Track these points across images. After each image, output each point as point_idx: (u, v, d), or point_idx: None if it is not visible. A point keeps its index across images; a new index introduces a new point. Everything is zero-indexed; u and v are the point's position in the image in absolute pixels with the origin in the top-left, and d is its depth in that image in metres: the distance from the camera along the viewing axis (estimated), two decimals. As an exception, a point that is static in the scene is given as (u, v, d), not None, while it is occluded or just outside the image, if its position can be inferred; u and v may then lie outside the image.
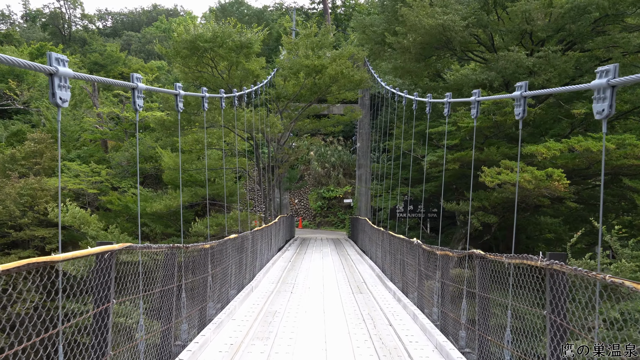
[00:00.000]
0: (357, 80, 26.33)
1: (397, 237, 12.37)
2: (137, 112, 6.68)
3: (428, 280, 9.23)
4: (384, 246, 15.12)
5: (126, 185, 32.41)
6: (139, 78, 6.31)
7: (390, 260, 13.71)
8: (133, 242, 26.94)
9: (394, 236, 12.87)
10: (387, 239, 14.23)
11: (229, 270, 10.32)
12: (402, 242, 11.50)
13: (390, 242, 13.53)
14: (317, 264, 17.86)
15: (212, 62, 24.54)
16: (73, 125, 40.41)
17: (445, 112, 12.20)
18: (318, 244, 27.88)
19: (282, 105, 29.04)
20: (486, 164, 25.75)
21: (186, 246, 6.52)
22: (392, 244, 13.37)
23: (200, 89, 11.62)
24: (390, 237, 13.49)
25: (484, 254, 6.09)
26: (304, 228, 42.51)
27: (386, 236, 14.51)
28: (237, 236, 10.83)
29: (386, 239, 14.47)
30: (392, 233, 13.39)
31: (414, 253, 10.12)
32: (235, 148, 28.52)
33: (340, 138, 47.66)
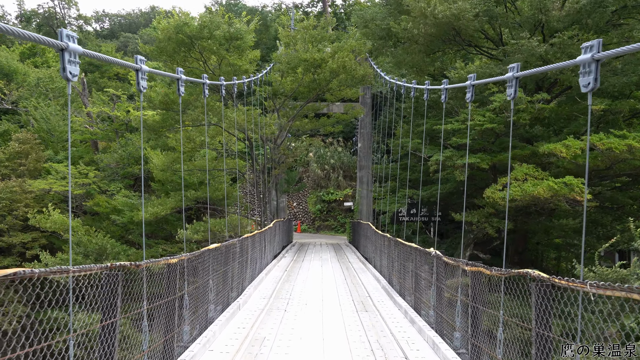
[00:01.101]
0: (359, 75, 24.67)
1: (408, 246, 10.69)
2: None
3: (449, 298, 7.56)
4: (390, 255, 13.44)
5: (115, 188, 30.71)
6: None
7: (399, 271, 12.03)
8: (119, 247, 25.22)
9: (405, 244, 11.19)
10: (395, 247, 12.55)
11: (209, 287, 8.65)
12: (416, 252, 9.82)
13: (400, 251, 11.84)
14: (315, 273, 16.17)
15: (201, 56, 22.88)
16: (62, 125, 38.73)
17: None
18: (317, 249, 26.19)
19: (279, 103, 27.38)
20: (498, 169, 24.13)
21: (136, 264, 4.84)
22: (401, 253, 11.68)
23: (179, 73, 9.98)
24: (400, 246, 11.80)
25: (546, 278, 4.40)
26: (303, 232, 40.81)
27: (394, 244, 12.82)
28: (220, 246, 9.15)
29: (394, 247, 12.78)
30: (401, 241, 11.71)
31: (431, 266, 8.45)
32: (225, 147, 26.86)
33: (340, 139, 46.01)
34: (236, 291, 11.60)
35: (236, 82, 21.59)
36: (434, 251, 8.12)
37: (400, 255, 11.78)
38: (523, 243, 30.05)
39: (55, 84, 44.20)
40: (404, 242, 11.43)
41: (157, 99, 22.76)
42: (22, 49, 58.60)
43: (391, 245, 13.42)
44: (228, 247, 9.95)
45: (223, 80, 20.24)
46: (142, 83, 6.66)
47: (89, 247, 24.77)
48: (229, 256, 10.17)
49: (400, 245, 11.77)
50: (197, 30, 21.57)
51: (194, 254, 7.54)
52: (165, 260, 5.81)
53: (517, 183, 20.33)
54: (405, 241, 12.41)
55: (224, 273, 9.94)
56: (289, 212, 42.06)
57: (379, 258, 15.87)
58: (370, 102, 34.17)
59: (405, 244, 11.08)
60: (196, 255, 7.53)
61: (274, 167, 27.74)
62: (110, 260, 24.63)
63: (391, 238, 13.40)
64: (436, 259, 8.03)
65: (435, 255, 8.03)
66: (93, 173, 30.75)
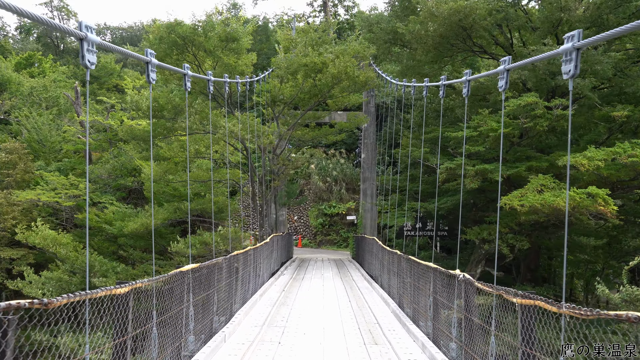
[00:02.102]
0: (362, 81, 23.19)
1: (425, 265, 9.11)
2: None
3: (484, 335, 5.99)
4: (401, 274, 11.85)
5: (107, 200, 29.18)
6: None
7: (412, 294, 10.44)
8: (108, 265, 23.61)
9: (419, 263, 9.61)
10: (408, 266, 10.96)
11: (188, 315, 7.10)
12: (435, 274, 8.24)
13: (413, 270, 10.25)
14: (316, 294, 14.57)
15: (195, 59, 21.44)
16: (55, 135, 37.33)
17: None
18: (318, 266, 24.57)
19: (278, 111, 25.92)
20: (512, 181, 22.53)
21: (44, 302, 3.27)
22: (415, 273, 10.10)
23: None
24: (413, 265, 10.22)
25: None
26: (304, 247, 39.19)
27: (405, 262, 11.24)
28: (199, 266, 7.59)
29: (406, 266, 11.19)
30: (415, 259, 10.12)
31: (455, 290, 6.88)
32: (222, 158, 25.37)
33: (343, 150, 44.53)
34: (225, 316, 10.03)
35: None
36: (461, 274, 6.55)
37: (414, 275, 10.20)
38: (536, 260, 28.40)
39: (48, 93, 42.93)
40: (418, 260, 9.84)
41: (144, 104, 21.27)
42: (18, 59, 57.59)
43: (402, 263, 11.84)
44: (210, 267, 8.38)
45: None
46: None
47: (76, 264, 23.20)
48: (212, 278, 8.61)
49: (414, 264, 10.19)
50: (191, 31, 20.17)
51: (159, 278, 5.99)
52: (107, 290, 4.24)
53: (535, 193, 18.78)
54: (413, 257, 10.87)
55: (206, 299, 8.38)
56: (290, 226, 40.46)
57: (387, 277, 14.27)
58: (374, 111, 32.73)
59: (421, 262, 9.50)
60: (167, 279, 5.98)
61: (273, 179, 26.22)
62: (98, 278, 23.04)
63: (402, 255, 11.82)
64: (465, 284, 6.45)
65: (463, 279, 6.45)
66: (84, 184, 29.20)
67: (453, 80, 14.22)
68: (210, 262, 8.34)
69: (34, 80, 45.72)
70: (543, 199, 17.80)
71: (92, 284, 23.01)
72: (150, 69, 7.18)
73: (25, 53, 59.97)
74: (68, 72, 57.18)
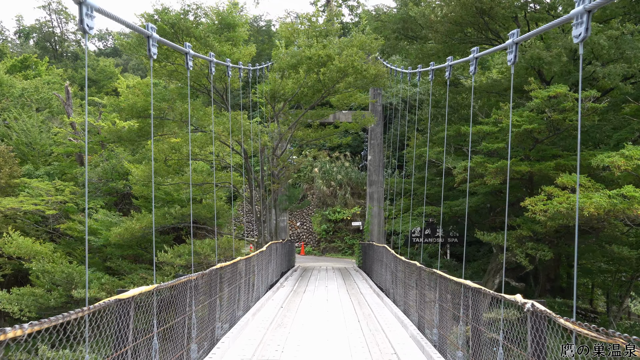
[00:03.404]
0: (370, 75, 21.19)
1: (455, 282, 7.09)
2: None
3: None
4: (421, 290, 9.81)
5: (95, 205, 27.22)
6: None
7: (438, 316, 8.40)
8: (91, 275, 21.59)
9: (448, 279, 7.59)
10: (430, 281, 8.93)
11: (151, 347, 5.10)
12: (476, 295, 6.21)
13: (439, 287, 8.22)
14: (319, 312, 12.55)
15: (187, 49, 19.48)
16: (44, 138, 35.49)
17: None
18: (322, 276, 22.53)
19: (279, 108, 23.98)
20: (535, 182, 20.50)
21: None
22: (441, 291, 8.07)
23: None
24: (439, 280, 8.19)
25: None
26: (307, 255, 37.14)
27: (427, 277, 9.21)
28: (156, 288, 5.56)
29: (428, 282, 9.16)
30: (442, 273, 8.09)
31: (519, 326, 4.85)
32: (218, 159, 23.40)
33: (348, 153, 42.51)
34: (207, 342, 8.05)
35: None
36: (528, 302, 4.50)
37: (441, 293, 8.16)
38: (556, 268, 26.29)
39: (40, 94, 41.15)
40: (446, 275, 7.82)
41: (125, 103, 19.34)
42: (13, 62, 56.01)
43: (422, 277, 9.81)
44: (180, 289, 6.37)
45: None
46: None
47: (55, 276, 21.23)
48: (182, 301, 6.59)
49: (441, 280, 8.16)
50: (180, 17, 18.25)
51: (96, 306, 4.01)
52: None
53: (561, 196, 16.69)
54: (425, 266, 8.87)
55: (177, 327, 6.37)
56: (292, 232, 38.42)
57: (402, 291, 12.22)
58: (381, 110, 30.76)
59: (451, 279, 7.48)
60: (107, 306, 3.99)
61: (273, 182, 24.23)
62: (78, 290, 21.04)
63: (422, 267, 9.79)
64: (534, 316, 4.40)
65: (532, 309, 4.41)
66: (70, 189, 27.27)
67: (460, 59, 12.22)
68: (178, 281, 6.32)
69: (26, 82, 43.98)
70: (572, 202, 15.71)
71: (72, 297, 21.04)
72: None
73: (20, 56, 58.46)
74: (65, 75, 55.55)
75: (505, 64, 33.24)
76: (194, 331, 7.63)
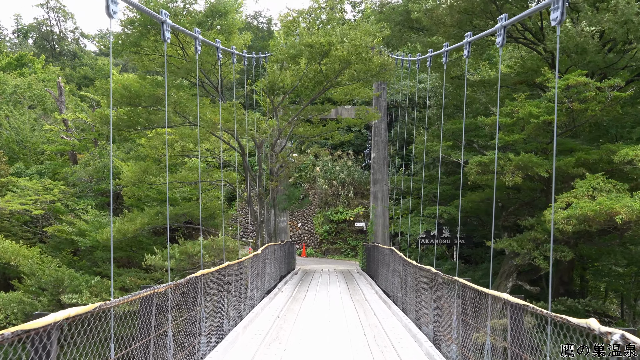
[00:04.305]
0: (375, 65, 19.79)
1: (484, 294, 5.72)
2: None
3: None
4: (438, 300, 8.46)
5: (85, 206, 25.90)
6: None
7: (459, 330, 7.04)
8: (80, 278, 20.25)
9: (477, 290, 6.22)
10: (449, 291, 7.58)
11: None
12: (514, 312, 4.83)
13: (466, 298, 6.86)
14: (321, 322, 11.21)
15: (176, 39, 18.17)
16: (36, 136, 34.21)
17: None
18: (324, 280, 21.17)
19: (277, 102, 22.64)
20: (556, 178, 19.09)
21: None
22: (466, 304, 6.71)
23: None
24: (465, 291, 6.82)
25: None
26: (309, 257, 35.78)
27: (446, 285, 7.85)
28: (98, 307, 4.19)
29: (446, 291, 7.81)
30: (466, 282, 6.72)
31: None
32: (215, 156, 22.07)
33: (350, 152, 41.13)
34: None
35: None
36: (616, 333, 3.14)
37: (465, 307, 6.80)
38: (570, 271, 24.88)
39: (33, 91, 39.90)
40: (473, 285, 6.46)
41: (118, 93, 18.02)
42: (8, 60, 54.87)
43: (439, 285, 8.45)
44: (143, 304, 5.02)
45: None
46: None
47: (42, 280, 19.90)
48: (145, 320, 5.24)
49: (465, 291, 6.80)
50: (166, 5, 16.91)
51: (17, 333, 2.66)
52: None
53: (584, 199, 15.30)
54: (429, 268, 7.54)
55: (142, 348, 5.03)
56: (293, 233, 37.07)
57: (414, 300, 10.85)
58: (385, 106, 29.38)
59: (478, 289, 6.11)
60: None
61: (271, 179, 22.88)
62: (68, 294, 19.70)
63: (439, 274, 8.43)
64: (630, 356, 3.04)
65: (623, 343, 3.05)
66: (59, 189, 25.92)
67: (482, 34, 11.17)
68: (144, 294, 4.97)
69: (19, 79, 42.74)
70: (598, 206, 14.31)
71: (61, 302, 19.70)
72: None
73: (16, 53, 57.31)
74: (61, 73, 54.31)
75: (514, 59, 31.83)
76: (169, 351, 6.31)
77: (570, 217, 14.16)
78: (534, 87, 22.17)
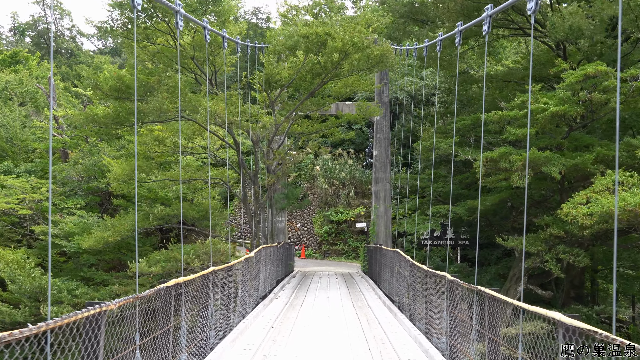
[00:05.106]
0: (376, 55, 18.66)
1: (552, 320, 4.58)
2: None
3: None
4: (454, 311, 7.32)
5: (74, 205, 24.75)
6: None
7: (489, 351, 5.91)
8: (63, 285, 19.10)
9: (507, 303, 5.08)
10: (478, 306, 6.44)
11: None
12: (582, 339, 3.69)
13: (493, 314, 5.71)
14: (318, 334, 10.08)
15: (167, 27, 17.05)
16: (26, 133, 33.10)
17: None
18: (323, 283, 20.04)
19: (274, 95, 21.51)
20: (566, 177, 17.97)
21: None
22: (496, 319, 5.56)
23: None
24: (492, 303, 5.68)
25: None
26: (308, 258, 34.64)
27: (464, 294, 6.71)
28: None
29: (469, 302, 6.67)
30: (497, 294, 5.58)
31: None
32: (208, 153, 20.94)
33: (351, 150, 39.97)
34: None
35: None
36: None
37: (493, 324, 5.66)
38: (581, 274, 23.73)
39: (24, 87, 38.79)
40: (505, 298, 5.32)
41: (107, 84, 16.89)
42: (2, 57, 53.80)
43: (455, 294, 7.31)
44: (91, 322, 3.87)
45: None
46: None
47: (23, 286, 18.75)
48: (98, 343, 4.09)
49: (492, 303, 5.65)
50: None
51: None
52: None
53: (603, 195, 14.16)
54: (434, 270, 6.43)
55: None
56: (292, 234, 35.93)
57: (423, 308, 9.71)
58: (388, 102, 28.25)
59: (513, 303, 4.97)
60: None
61: (268, 178, 21.74)
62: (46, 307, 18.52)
63: (456, 281, 7.29)
64: None
65: None
66: (47, 187, 24.76)
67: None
68: (77, 316, 3.82)
69: (11, 76, 41.65)
70: (622, 202, 13.14)
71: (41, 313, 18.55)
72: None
73: (10, 50, 56.25)
74: (56, 70, 53.21)
75: (521, 53, 30.66)
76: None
77: (591, 214, 12.98)
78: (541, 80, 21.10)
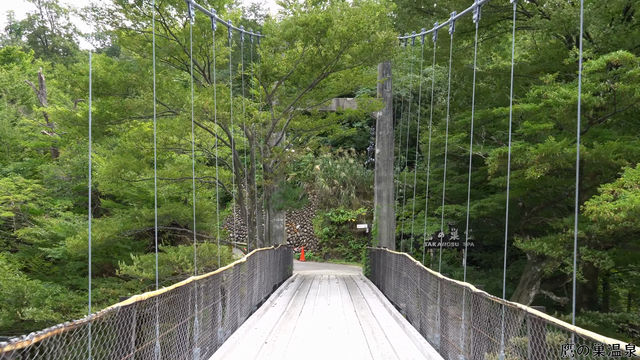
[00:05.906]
0: (381, 42, 17.39)
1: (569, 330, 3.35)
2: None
3: None
4: (479, 330, 6.08)
5: (60, 206, 23.54)
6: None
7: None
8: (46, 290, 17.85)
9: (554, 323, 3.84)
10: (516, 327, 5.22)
11: None
12: None
13: (535, 339, 4.48)
14: (318, 352, 8.85)
15: (159, 12, 15.87)
16: (15, 131, 31.90)
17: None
18: (324, 288, 18.82)
19: (271, 89, 20.31)
20: (587, 170, 16.78)
21: None
22: (542, 346, 4.33)
23: None
24: (537, 325, 4.44)
25: None
26: (308, 261, 33.41)
27: (494, 313, 5.49)
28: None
29: (506, 322, 5.45)
30: (544, 315, 4.35)
31: None
32: (202, 150, 19.73)
33: (352, 149, 38.75)
34: None
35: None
36: None
37: (538, 349, 4.44)
38: (594, 278, 22.46)
39: (14, 84, 37.62)
40: (555, 320, 4.09)
41: (82, 80, 15.73)
42: (-5, 55, 52.58)
43: (481, 310, 6.09)
44: None
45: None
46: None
47: (3, 291, 17.54)
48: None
49: (538, 325, 4.43)
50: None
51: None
52: None
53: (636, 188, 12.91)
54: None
55: None
56: (291, 236, 34.71)
57: (439, 323, 8.47)
58: (390, 97, 27.03)
59: (562, 325, 3.75)
60: None
61: (265, 177, 20.53)
62: (31, 308, 17.33)
63: (482, 294, 6.07)
64: None
65: None
66: (32, 187, 23.57)
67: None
68: None
69: (2, 73, 40.50)
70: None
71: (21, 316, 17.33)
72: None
73: (3, 48, 55.08)
74: (50, 68, 52.00)
75: (527, 48, 29.41)
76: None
77: (618, 209, 11.71)
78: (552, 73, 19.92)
